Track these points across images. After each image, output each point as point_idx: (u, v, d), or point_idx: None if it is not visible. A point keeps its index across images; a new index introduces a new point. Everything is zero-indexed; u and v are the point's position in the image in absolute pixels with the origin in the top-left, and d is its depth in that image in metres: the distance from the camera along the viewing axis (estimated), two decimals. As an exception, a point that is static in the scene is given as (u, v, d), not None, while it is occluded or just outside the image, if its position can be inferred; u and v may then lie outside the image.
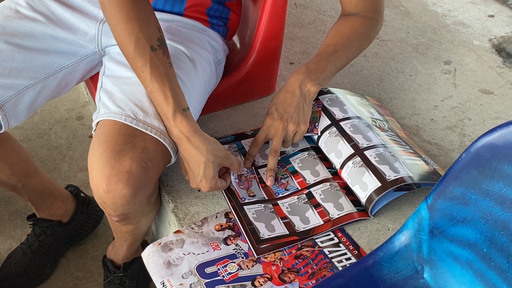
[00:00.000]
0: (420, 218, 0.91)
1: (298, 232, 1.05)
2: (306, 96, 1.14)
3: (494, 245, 0.82)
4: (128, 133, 0.97)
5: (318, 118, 1.21)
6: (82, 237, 1.53)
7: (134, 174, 0.95)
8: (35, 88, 1.11)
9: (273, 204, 1.11)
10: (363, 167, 1.10)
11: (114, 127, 0.98)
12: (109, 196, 0.95)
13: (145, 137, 0.98)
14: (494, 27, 1.79)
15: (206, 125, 1.32)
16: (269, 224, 1.06)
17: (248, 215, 1.07)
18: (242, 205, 1.09)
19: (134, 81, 1.03)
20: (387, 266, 0.93)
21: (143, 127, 0.98)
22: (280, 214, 1.08)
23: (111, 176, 0.94)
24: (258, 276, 0.98)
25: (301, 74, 1.14)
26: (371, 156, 1.12)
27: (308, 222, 1.07)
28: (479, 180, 0.82)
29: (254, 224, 1.05)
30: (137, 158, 0.95)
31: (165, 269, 0.99)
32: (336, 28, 1.20)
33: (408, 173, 1.09)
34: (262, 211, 1.08)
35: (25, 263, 1.43)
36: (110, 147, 0.95)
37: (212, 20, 1.22)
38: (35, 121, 1.89)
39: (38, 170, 1.37)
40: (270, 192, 1.13)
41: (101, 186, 0.95)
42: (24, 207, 1.60)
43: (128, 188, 0.95)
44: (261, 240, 1.02)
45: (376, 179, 1.08)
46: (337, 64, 1.17)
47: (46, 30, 1.11)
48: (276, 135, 1.13)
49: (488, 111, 1.44)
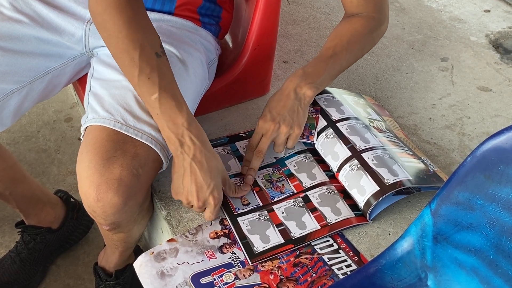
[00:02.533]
0: (424, 224, 0.88)
1: (294, 239, 1.01)
2: (302, 99, 1.10)
3: (501, 252, 0.80)
4: (117, 139, 0.93)
5: (315, 125, 1.17)
6: (72, 244, 1.49)
7: (125, 182, 0.91)
8: (21, 92, 1.08)
9: (268, 210, 1.07)
10: (361, 170, 1.07)
11: (103, 133, 0.94)
12: (99, 205, 0.92)
13: (135, 143, 0.94)
14: (490, 22, 1.76)
15: (198, 127, 1.28)
16: (264, 234, 1.02)
17: (242, 228, 1.03)
18: (236, 216, 1.05)
19: (123, 85, 0.99)
20: (390, 274, 0.90)
21: (133, 133, 0.94)
22: (276, 221, 1.05)
23: (101, 184, 0.90)
24: (255, 285, 0.95)
25: (297, 77, 1.10)
26: (368, 158, 1.08)
27: (305, 227, 1.03)
28: (486, 184, 0.79)
29: (248, 237, 1.02)
30: (128, 165, 0.92)
31: (159, 280, 0.95)
32: (337, 30, 1.16)
33: (407, 176, 1.05)
34: (257, 221, 1.05)
35: (14, 271, 1.40)
36: (99, 154, 0.91)
37: (204, 19, 1.18)
38: (22, 123, 1.85)
39: (26, 176, 1.33)
40: (265, 196, 1.10)
41: (90, 194, 0.91)
42: (12, 213, 1.55)
43: (119, 196, 0.91)
44: (255, 254, 0.99)
45: (374, 182, 1.04)
46: (336, 67, 1.13)
47: (31, 32, 1.07)
48: (265, 136, 1.09)
49: (487, 109, 1.41)
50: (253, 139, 1.12)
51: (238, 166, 1.16)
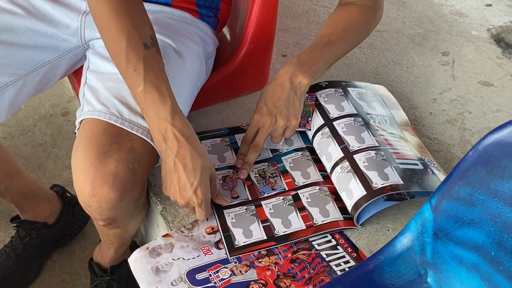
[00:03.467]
0: (424, 220, 0.86)
1: (277, 236, 1.00)
2: (297, 88, 1.08)
3: (503, 248, 0.78)
4: (113, 133, 0.91)
5: (311, 113, 1.15)
6: (68, 239, 1.48)
7: (121, 177, 0.89)
8: (15, 85, 1.06)
9: (256, 205, 1.05)
10: (351, 173, 1.04)
11: (98, 126, 0.92)
12: (94, 200, 0.90)
13: (131, 137, 0.92)
14: (492, 16, 1.74)
15: (196, 121, 1.27)
16: (247, 229, 1.00)
17: (226, 220, 1.02)
18: (222, 208, 1.04)
19: (119, 78, 0.97)
20: (389, 271, 0.88)
21: (129, 126, 0.92)
22: (262, 217, 1.03)
23: (96, 179, 0.88)
24: (252, 282, 0.93)
25: (292, 65, 1.08)
26: (360, 160, 1.06)
27: (290, 225, 1.02)
28: (487, 179, 0.77)
29: (231, 230, 1.00)
30: (124, 160, 0.90)
31: (153, 276, 0.93)
32: (332, 18, 1.14)
33: (398, 181, 1.02)
34: (242, 215, 1.03)
35: (9, 266, 1.38)
36: (95, 148, 0.90)
37: (202, 11, 1.16)
38: (18, 117, 1.83)
39: (21, 170, 1.31)
40: (255, 191, 1.08)
41: (85, 189, 0.89)
42: (7, 207, 1.54)
43: (114, 191, 0.89)
44: (235, 248, 0.97)
45: (362, 186, 1.01)
46: (331, 56, 1.10)
47: (26, 23, 1.05)
48: (262, 130, 1.07)
49: (488, 103, 1.39)
50: (248, 132, 1.10)
51: (234, 158, 1.14)
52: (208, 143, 1.17)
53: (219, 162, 1.13)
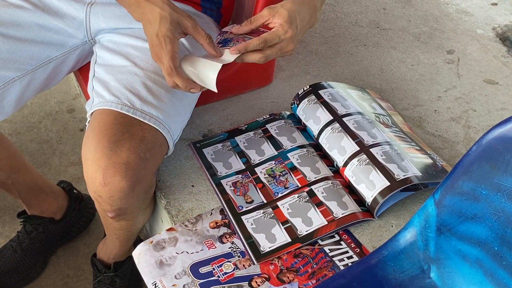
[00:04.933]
0: (427, 215, 0.87)
1: (301, 237, 0.99)
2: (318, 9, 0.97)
3: (506, 243, 0.78)
4: (125, 122, 0.92)
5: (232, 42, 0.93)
6: (74, 235, 1.48)
7: (132, 166, 0.89)
8: (22, 81, 1.07)
9: (273, 207, 1.04)
10: (370, 165, 1.04)
11: (110, 116, 0.93)
12: (105, 189, 0.90)
13: (143, 127, 0.93)
14: (497, 15, 1.74)
15: (200, 117, 1.27)
16: (270, 233, 0.99)
17: (246, 227, 1.00)
18: (240, 215, 1.03)
19: (129, 70, 0.98)
20: (392, 265, 0.88)
21: (141, 116, 0.93)
22: (281, 219, 1.02)
23: (108, 168, 0.88)
24: (255, 276, 0.93)
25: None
26: (377, 154, 1.06)
27: (311, 223, 1.01)
28: (491, 174, 0.77)
29: (254, 236, 0.99)
30: (135, 149, 0.90)
31: (157, 269, 0.94)
32: None
33: (417, 173, 1.03)
34: (261, 219, 1.02)
35: (15, 260, 1.39)
36: (106, 137, 0.90)
37: (205, 4, 1.16)
38: (24, 114, 1.84)
39: (27, 165, 1.32)
40: (268, 193, 1.07)
41: (96, 178, 0.89)
42: (12, 203, 1.54)
43: (126, 180, 0.89)
44: (262, 254, 0.96)
45: (384, 177, 1.02)
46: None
47: (33, 18, 1.06)
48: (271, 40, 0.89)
49: (493, 101, 1.39)
50: (257, 22, 0.93)
51: (240, 163, 1.13)
52: (210, 151, 1.17)
53: (226, 169, 1.12)
